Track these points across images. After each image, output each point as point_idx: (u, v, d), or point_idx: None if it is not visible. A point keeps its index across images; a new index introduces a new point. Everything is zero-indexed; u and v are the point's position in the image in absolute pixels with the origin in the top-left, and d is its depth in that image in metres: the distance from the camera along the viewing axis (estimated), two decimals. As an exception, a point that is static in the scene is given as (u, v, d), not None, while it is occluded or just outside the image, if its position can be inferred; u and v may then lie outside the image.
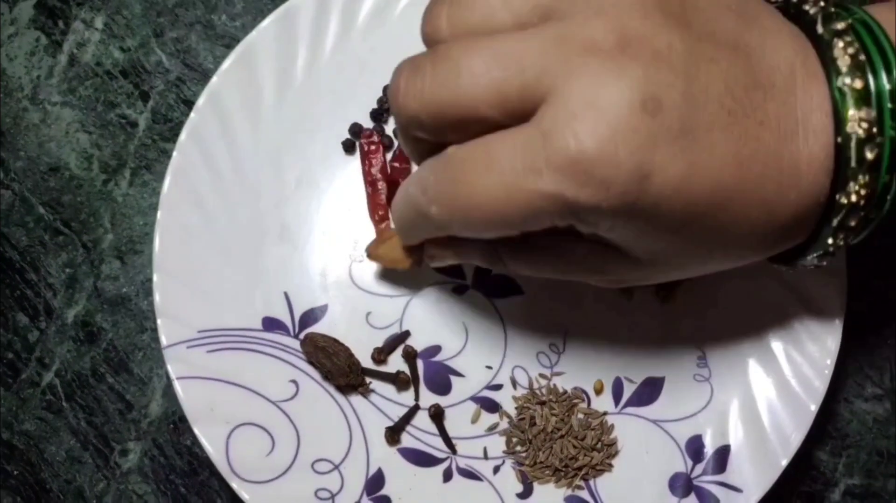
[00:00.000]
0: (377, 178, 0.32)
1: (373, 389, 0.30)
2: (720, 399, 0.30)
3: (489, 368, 0.31)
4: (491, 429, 0.30)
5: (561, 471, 0.29)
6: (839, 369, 0.30)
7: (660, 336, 0.31)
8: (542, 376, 0.31)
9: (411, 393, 0.30)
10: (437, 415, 0.30)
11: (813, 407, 0.29)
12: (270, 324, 0.30)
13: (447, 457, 0.30)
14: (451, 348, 0.31)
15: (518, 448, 0.30)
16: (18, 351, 0.33)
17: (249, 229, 0.31)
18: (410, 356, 0.30)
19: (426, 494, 0.29)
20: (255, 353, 0.30)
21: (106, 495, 0.32)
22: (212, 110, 0.31)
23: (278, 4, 0.32)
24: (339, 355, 0.30)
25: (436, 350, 0.31)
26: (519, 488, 0.30)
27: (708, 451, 0.30)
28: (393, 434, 0.30)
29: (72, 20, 0.35)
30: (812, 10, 0.22)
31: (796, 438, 0.29)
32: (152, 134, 0.35)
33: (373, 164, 0.32)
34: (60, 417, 0.32)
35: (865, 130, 0.21)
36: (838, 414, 0.33)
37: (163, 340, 0.29)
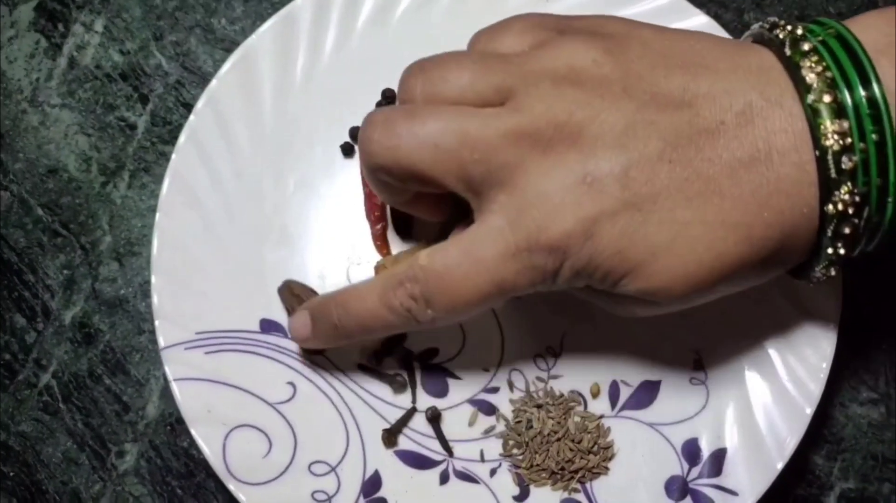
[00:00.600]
0: (375, 181, 0.32)
1: (370, 391, 0.30)
2: (716, 402, 0.30)
3: (486, 371, 0.31)
4: (488, 431, 0.30)
5: (557, 473, 0.30)
6: (834, 373, 0.30)
7: (656, 339, 0.31)
8: (539, 379, 0.31)
9: (408, 395, 0.30)
10: (435, 417, 0.30)
11: (808, 411, 0.29)
12: (268, 326, 0.31)
13: (444, 459, 0.30)
14: (449, 351, 0.31)
15: (515, 451, 0.30)
16: (15, 352, 0.33)
17: (248, 232, 0.31)
18: (407, 359, 0.30)
19: (423, 496, 0.29)
20: (253, 355, 0.30)
21: (102, 497, 0.32)
22: (211, 113, 0.31)
23: (278, 8, 0.33)
24: None
25: (433, 353, 0.31)
26: (515, 491, 0.30)
27: (704, 455, 0.30)
28: (390, 436, 0.30)
29: (72, 23, 0.36)
30: (781, 35, 0.24)
31: (792, 442, 0.29)
32: (151, 136, 0.35)
33: (371, 167, 0.32)
34: (57, 419, 0.32)
35: (840, 141, 0.22)
36: (833, 418, 0.33)
37: (160, 342, 0.29)
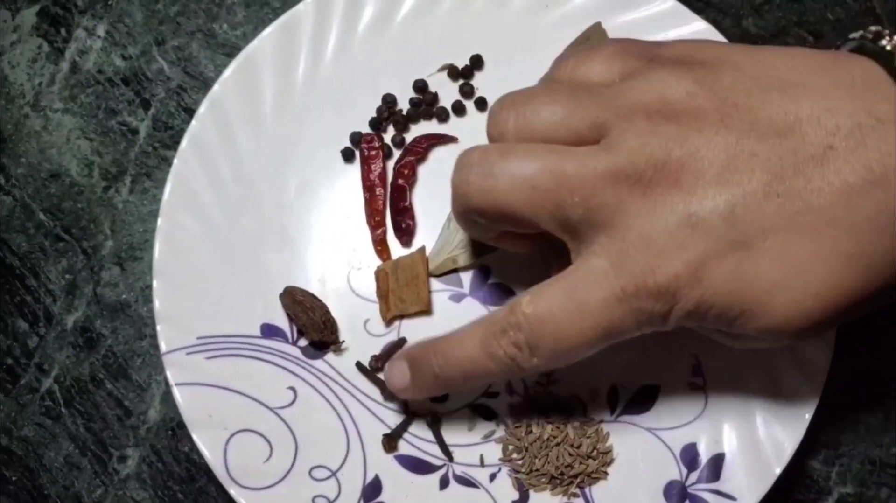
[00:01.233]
0: (375, 184, 0.32)
1: (370, 396, 0.30)
2: (715, 407, 0.30)
3: (486, 376, 0.31)
4: (487, 436, 0.30)
5: (557, 478, 0.30)
6: (832, 378, 0.30)
7: (654, 344, 0.31)
8: (539, 384, 0.31)
9: (400, 401, 0.31)
10: (435, 421, 0.30)
11: (807, 415, 0.29)
12: (269, 331, 0.31)
13: (444, 464, 0.30)
14: (449, 356, 0.31)
15: (514, 455, 0.30)
16: (18, 356, 0.33)
17: (249, 236, 0.31)
18: None
19: (423, 501, 0.29)
20: (254, 360, 0.30)
21: (104, 501, 0.32)
22: (212, 118, 0.31)
23: (279, 13, 0.33)
24: (316, 310, 0.30)
25: (433, 357, 0.31)
26: (515, 495, 0.30)
27: (702, 459, 0.30)
28: (390, 441, 0.30)
29: (74, 28, 0.36)
30: (889, 47, 0.22)
31: (790, 447, 0.29)
32: (153, 141, 0.35)
33: (372, 170, 0.32)
34: (59, 423, 0.33)
35: None
36: (831, 423, 0.33)
37: (162, 346, 0.29)
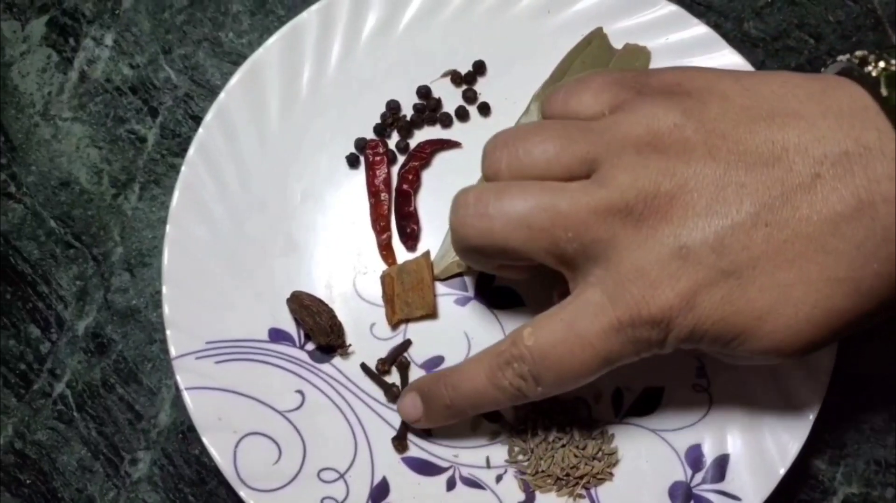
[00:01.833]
0: (380, 189, 0.32)
1: (377, 399, 0.31)
2: (719, 408, 0.30)
3: (491, 378, 0.31)
4: (493, 438, 0.31)
5: (562, 479, 0.30)
6: (836, 378, 0.30)
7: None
8: (544, 386, 0.31)
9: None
10: (403, 367, 0.30)
11: (811, 416, 0.29)
12: (277, 335, 0.31)
13: (451, 465, 0.30)
14: (454, 359, 0.31)
15: (520, 457, 0.30)
16: (30, 362, 0.34)
17: (256, 242, 0.32)
18: (403, 366, 0.31)
19: (430, 502, 0.30)
20: (262, 364, 0.31)
21: (116, 503, 0.33)
22: (219, 126, 0.32)
23: (284, 21, 0.33)
24: (323, 315, 0.30)
25: (438, 360, 0.31)
26: (521, 497, 0.30)
27: (707, 460, 0.30)
28: (400, 441, 0.30)
29: (82, 37, 0.36)
30: (875, 73, 0.22)
31: (794, 447, 0.29)
32: (161, 149, 0.35)
33: (377, 175, 0.32)
34: (72, 427, 0.33)
35: None
36: (836, 423, 0.33)
37: (172, 351, 0.30)
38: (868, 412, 0.33)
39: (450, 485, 0.30)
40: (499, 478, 0.30)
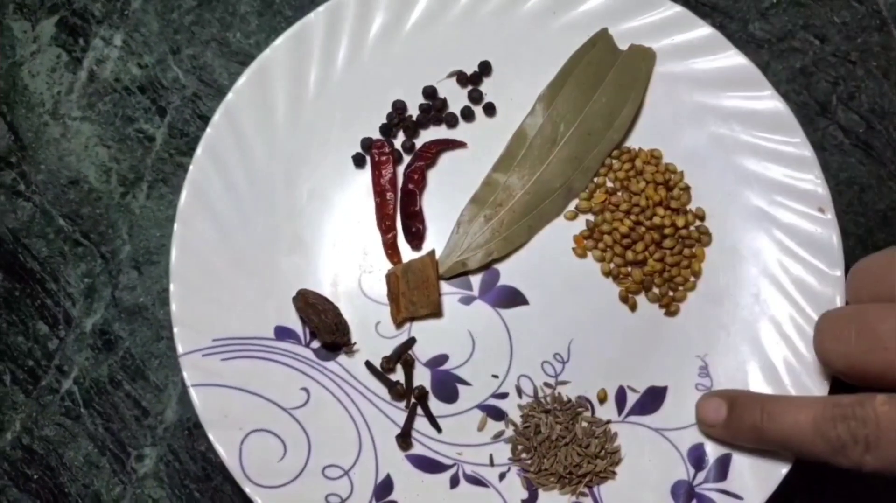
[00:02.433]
0: (386, 189, 0.33)
1: (382, 397, 0.31)
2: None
3: (495, 377, 0.31)
4: (497, 436, 0.31)
5: (565, 478, 0.30)
6: (837, 378, 0.30)
7: (663, 346, 0.32)
8: (547, 385, 0.31)
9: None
10: (422, 396, 0.31)
11: (813, 416, 0.30)
12: (283, 333, 0.31)
13: (454, 463, 0.30)
14: (458, 357, 0.31)
15: (523, 455, 0.31)
16: (38, 358, 0.34)
17: (263, 241, 0.32)
18: (408, 364, 0.31)
19: (433, 500, 0.30)
20: (268, 362, 0.31)
21: (122, 499, 0.33)
22: (227, 125, 0.32)
23: (291, 22, 0.33)
24: (328, 313, 0.30)
25: (443, 359, 0.31)
26: (524, 494, 0.30)
27: (709, 459, 0.30)
28: (404, 439, 0.30)
29: (92, 38, 0.37)
30: None
31: (797, 447, 0.29)
32: (169, 148, 0.36)
33: (382, 175, 0.33)
34: (79, 423, 0.33)
35: None
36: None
37: (178, 348, 0.30)
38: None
39: (453, 482, 0.30)
40: (502, 475, 0.30)
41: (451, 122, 0.33)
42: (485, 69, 0.34)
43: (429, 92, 0.33)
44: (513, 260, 0.32)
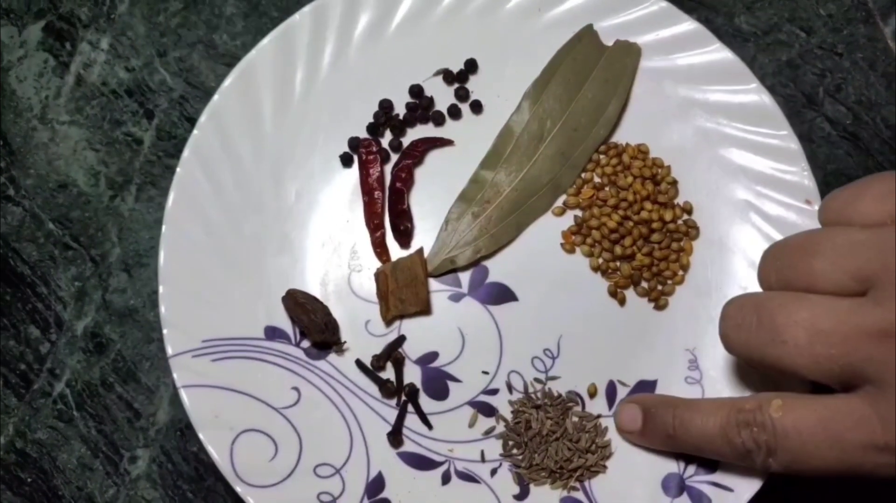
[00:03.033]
0: (374, 188, 0.33)
1: (372, 395, 0.31)
2: (712, 401, 0.31)
3: (485, 374, 0.31)
4: (488, 432, 0.31)
5: (556, 472, 0.30)
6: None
7: (652, 340, 0.32)
8: (537, 380, 0.31)
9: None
10: (412, 393, 0.31)
11: (803, 408, 0.30)
12: (273, 333, 0.31)
13: (445, 460, 0.31)
14: (448, 354, 0.31)
15: (514, 451, 0.31)
16: (30, 362, 0.34)
17: (251, 241, 0.32)
18: (398, 362, 0.31)
19: (425, 497, 0.30)
20: (258, 362, 0.31)
21: (116, 501, 0.33)
22: (214, 127, 0.32)
23: (277, 23, 0.33)
24: (318, 312, 0.30)
25: (433, 356, 0.32)
26: (516, 490, 0.30)
27: (700, 452, 0.30)
28: (395, 436, 0.30)
29: (78, 42, 0.37)
30: None
31: (787, 439, 0.29)
32: (157, 151, 0.36)
33: (370, 174, 0.33)
34: (71, 426, 0.34)
35: None
36: (830, 414, 0.33)
37: (168, 350, 0.30)
38: (862, 404, 0.33)
39: (445, 479, 0.30)
40: (493, 471, 0.30)
41: (439, 121, 0.34)
42: (471, 67, 0.34)
43: (415, 90, 0.33)
44: (501, 256, 0.32)
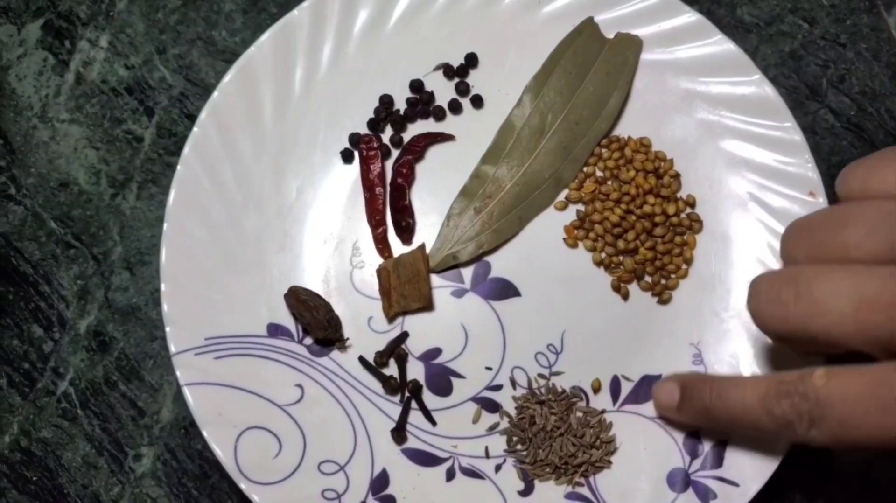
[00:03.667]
0: (375, 184, 0.33)
1: (376, 392, 0.31)
2: (716, 395, 0.31)
3: (489, 369, 0.31)
4: (492, 428, 0.31)
5: (561, 468, 0.30)
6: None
7: (656, 334, 0.32)
8: (541, 376, 0.31)
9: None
10: (416, 390, 0.31)
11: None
12: (275, 330, 0.31)
13: (450, 456, 0.31)
14: (452, 350, 0.31)
15: (518, 447, 0.31)
16: (34, 361, 0.34)
17: (253, 238, 0.32)
18: (401, 358, 0.31)
19: (430, 493, 0.30)
20: (261, 359, 0.31)
21: (121, 499, 0.33)
22: (214, 124, 0.32)
23: (277, 19, 0.33)
24: (320, 309, 0.30)
25: (436, 352, 0.31)
26: (520, 486, 0.30)
27: (705, 447, 0.30)
28: (399, 433, 0.30)
29: (78, 40, 0.36)
30: None
31: (792, 432, 0.29)
32: (157, 148, 0.36)
33: (371, 170, 0.33)
34: (76, 424, 0.34)
35: None
36: (835, 407, 0.33)
37: (171, 348, 0.30)
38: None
39: (449, 475, 0.30)
40: (498, 467, 0.30)
41: (439, 116, 0.33)
42: (471, 61, 0.34)
43: (416, 85, 0.33)
44: (504, 252, 0.32)
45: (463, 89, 0.33)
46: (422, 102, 0.33)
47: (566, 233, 0.32)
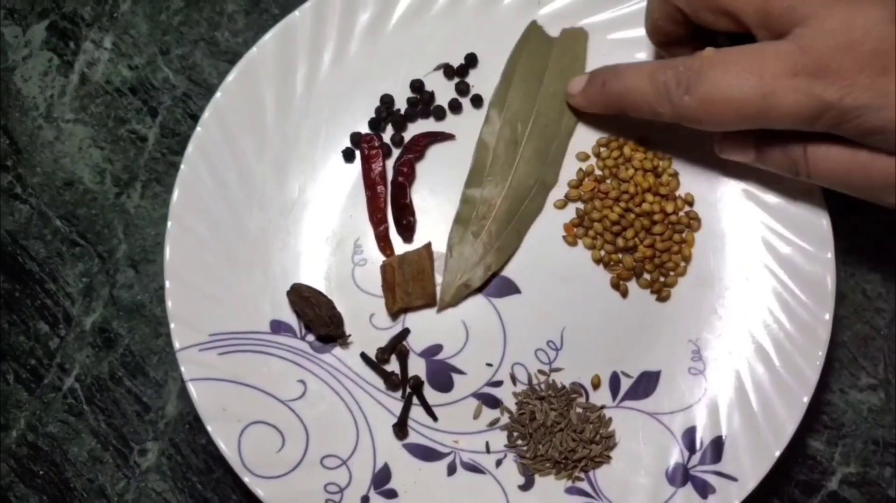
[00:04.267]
0: (376, 182, 0.33)
1: (378, 387, 0.31)
2: (714, 391, 0.31)
3: (489, 366, 0.32)
4: (492, 424, 0.31)
5: (561, 463, 0.30)
6: (834, 360, 0.30)
7: (655, 331, 0.32)
8: (541, 372, 0.32)
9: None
10: (417, 385, 0.31)
11: (805, 398, 0.30)
12: (278, 326, 0.32)
13: (451, 451, 0.31)
14: (452, 347, 0.32)
15: (519, 442, 0.31)
16: (40, 357, 0.35)
17: (256, 236, 0.32)
18: (403, 355, 0.31)
19: (431, 487, 0.30)
20: (264, 355, 0.31)
21: (126, 493, 0.33)
22: (217, 123, 0.32)
23: (279, 20, 0.34)
24: (322, 306, 0.31)
25: (437, 349, 0.32)
26: (521, 480, 0.31)
27: (703, 442, 0.30)
28: (400, 428, 0.31)
29: (82, 41, 0.37)
30: None
31: (789, 428, 0.30)
32: (161, 148, 0.36)
33: (372, 169, 0.33)
34: (82, 420, 0.34)
35: None
36: (833, 404, 0.33)
37: (175, 344, 0.30)
38: (865, 393, 0.33)
39: (450, 470, 0.31)
40: (498, 462, 0.31)
41: (439, 115, 0.34)
42: (471, 61, 0.34)
43: (416, 85, 0.34)
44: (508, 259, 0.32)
45: (463, 89, 0.34)
46: (422, 102, 0.34)
47: (566, 231, 0.33)
